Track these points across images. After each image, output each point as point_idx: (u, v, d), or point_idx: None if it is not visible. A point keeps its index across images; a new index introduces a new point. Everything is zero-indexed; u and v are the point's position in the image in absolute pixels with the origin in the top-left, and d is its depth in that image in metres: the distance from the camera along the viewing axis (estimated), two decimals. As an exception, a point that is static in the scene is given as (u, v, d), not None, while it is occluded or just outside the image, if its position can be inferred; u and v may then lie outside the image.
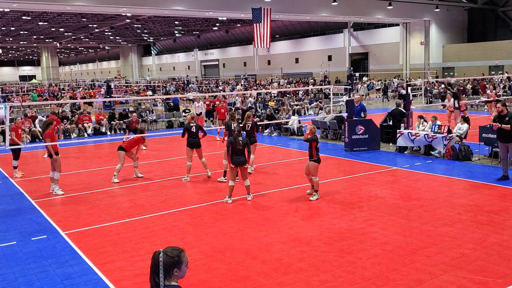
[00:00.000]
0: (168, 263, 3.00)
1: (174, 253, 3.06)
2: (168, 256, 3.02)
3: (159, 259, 2.99)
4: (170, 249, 3.08)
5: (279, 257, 6.67)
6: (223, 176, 11.46)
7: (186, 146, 11.56)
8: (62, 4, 29.39)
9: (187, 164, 11.60)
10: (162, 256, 3.00)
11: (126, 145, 11.76)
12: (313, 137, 9.51)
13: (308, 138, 9.49)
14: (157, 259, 3.00)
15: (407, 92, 16.62)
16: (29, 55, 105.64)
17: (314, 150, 9.46)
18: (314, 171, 9.54)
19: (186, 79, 62.30)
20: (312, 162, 9.51)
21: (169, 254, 3.03)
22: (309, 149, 9.54)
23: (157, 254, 3.02)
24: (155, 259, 3.01)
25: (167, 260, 3.01)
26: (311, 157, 9.53)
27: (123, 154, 11.67)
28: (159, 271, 2.97)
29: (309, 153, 9.58)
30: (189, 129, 11.54)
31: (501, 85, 32.19)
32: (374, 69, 52.44)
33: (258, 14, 28.77)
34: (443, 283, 5.74)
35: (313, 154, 9.48)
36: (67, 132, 20.85)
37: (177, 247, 3.12)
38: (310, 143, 9.48)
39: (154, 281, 3.01)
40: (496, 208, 8.55)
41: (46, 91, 45.85)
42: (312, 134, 9.56)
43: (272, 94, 30.97)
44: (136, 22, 53.86)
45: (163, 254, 3.01)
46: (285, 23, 60.77)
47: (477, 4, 44.94)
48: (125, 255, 6.94)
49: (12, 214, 9.34)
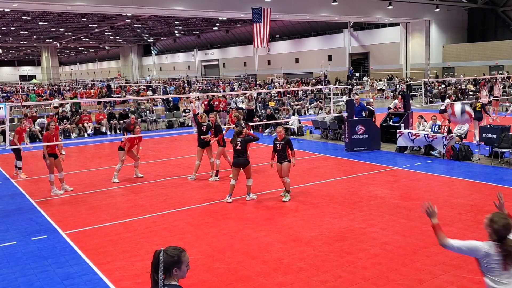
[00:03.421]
0: (168, 262, 3.02)
1: (174, 252, 3.08)
2: (168, 255, 3.04)
3: (159, 257, 3.01)
4: (171, 248, 3.10)
5: (279, 257, 6.67)
6: (215, 176, 11.57)
7: (197, 146, 11.62)
8: (62, 4, 29.39)
9: (196, 163, 11.60)
10: (163, 255, 3.02)
11: (124, 145, 11.72)
12: (288, 139, 9.40)
13: (285, 139, 9.33)
14: (157, 257, 3.02)
15: (407, 92, 16.63)
16: (29, 55, 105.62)
17: (289, 150, 9.30)
18: (288, 172, 9.38)
19: (187, 79, 62.31)
20: (287, 163, 9.32)
21: (169, 253, 3.05)
22: (282, 151, 9.28)
23: (158, 253, 3.04)
24: (156, 257, 3.03)
25: (167, 259, 3.02)
26: (285, 158, 9.32)
27: (122, 154, 11.67)
28: (159, 270, 2.99)
29: (282, 155, 9.30)
30: (200, 127, 11.60)
31: (500, 85, 32.17)
32: (374, 69, 52.45)
33: (258, 14, 28.78)
34: (443, 283, 5.74)
35: (288, 155, 9.31)
36: (67, 132, 20.85)
37: (179, 247, 3.14)
38: (286, 145, 9.29)
39: (154, 279, 3.03)
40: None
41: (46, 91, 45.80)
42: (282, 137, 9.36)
43: (272, 94, 30.96)
44: (136, 22, 53.85)
45: (163, 253, 3.03)
46: (285, 23, 60.77)
47: (477, 4, 44.94)
48: (125, 255, 6.94)
49: (12, 214, 9.34)
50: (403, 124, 14.91)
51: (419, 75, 44.46)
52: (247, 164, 9.41)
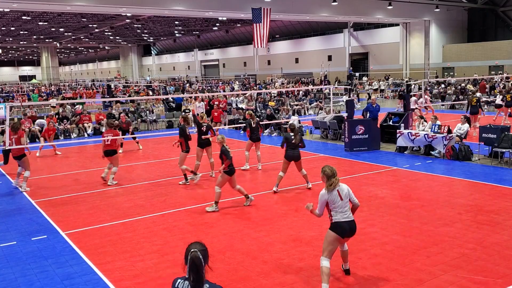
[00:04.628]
0: (206, 258, 3.13)
1: (205, 247, 3.17)
2: (205, 251, 3.14)
3: (199, 255, 3.08)
4: (198, 246, 3.16)
5: (279, 257, 6.67)
6: (187, 179, 11.23)
7: (197, 146, 11.59)
8: (62, 4, 29.38)
9: (195, 163, 11.58)
10: (203, 250, 3.12)
11: (113, 146, 11.41)
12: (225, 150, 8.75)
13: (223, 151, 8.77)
14: (198, 256, 3.08)
15: (407, 92, 16.64)
16: (29, 55, 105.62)
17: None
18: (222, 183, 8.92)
19: (186, 79, 62.28)
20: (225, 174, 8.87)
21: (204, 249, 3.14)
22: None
23: (195, 252, 3.09)
24: (196, 256, 3.08)
25: (205, 254, 3.13)
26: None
27: (114, 161, 11.43)
28: (202, 268, 3.08)
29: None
30: (200, 127, 11.59)
31: (500, 85, 32.20)
32: (374, 69, 52.44)
33: (258, 14, 28.78)
34: (443, 283, 5.74)
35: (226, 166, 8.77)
36: (67, 132, 20.85)
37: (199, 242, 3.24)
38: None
39: (196, 280, 3.09)
40: (496, 208, 8.55)
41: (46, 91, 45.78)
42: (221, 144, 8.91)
43: (272, 94, 30.97)
44: (136, 22, 53.82)
45: (200, 250, 3.10)
46: (285, 23, 60.75)
47: (477, 4, 44.93)
48: (125, 255, 6.94)
49: (12, 214, 9.34)
50: (403, 124, 14.91)
51: (419, 75, 44.45)
52: (300, 158, 10.20)
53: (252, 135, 12.45)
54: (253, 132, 12.44)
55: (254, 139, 12.47)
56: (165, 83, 55.28)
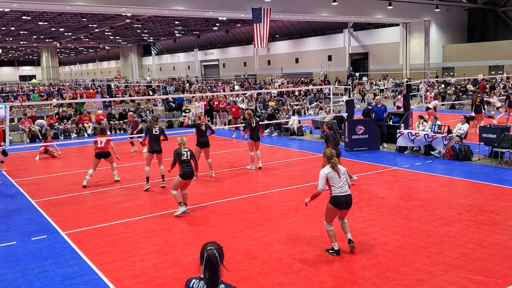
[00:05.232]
0: (222, 256, 3.15)
1: (220, 246, 3.19)
2: (220, 249, 3.16)
3: (215, 253, 3.11)
4: (214, 244, 3.19)
5: (279, 257, 6.67)
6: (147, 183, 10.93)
7: (196, 146, 11.59)
8: (62, 4, 29.39)
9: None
10: (218, 249, 3.14)
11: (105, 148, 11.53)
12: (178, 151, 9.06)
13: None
14: (214, 253, 3.11)
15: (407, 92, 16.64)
16: (29, 55, 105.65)
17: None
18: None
19: (186, 79, 62.27)
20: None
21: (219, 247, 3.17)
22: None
23: (212, 250, 3.12)
24: (213, 253, 3.11)
25: (220, 253, 3.15)
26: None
27: (111, 159, 11.73)
28: (218, 266, 3.10)
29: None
30: (199, 127, 11.60)
31: (500, 85, 32.20)
32: (374, 69, 52.45)
33: (258, 14, 28.79)
34: (443, 283, 5.74)
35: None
36: (67, 132, 20.85)
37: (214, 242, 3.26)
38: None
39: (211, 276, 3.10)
40: (496, 208, 8.54)
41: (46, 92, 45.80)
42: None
43: (272, 94, 30.97)
44: (136, 22, 53.85)
45: (216, 248, 3.13)
46: (285, 23, 60.76)
47: (477, 4, 44.93)
48: (125, 255, 6.94)
49: (12, 214, 9.34)
50: (403, 124, 14.91)
51: (419, 75, 44.46)
52: (340, 155, 10.25)
53: (253, 134, 12.53)
54: (253, 131, 12.52)
55: (254, 138, 12.57)
56: (165, 83, 55.31)
